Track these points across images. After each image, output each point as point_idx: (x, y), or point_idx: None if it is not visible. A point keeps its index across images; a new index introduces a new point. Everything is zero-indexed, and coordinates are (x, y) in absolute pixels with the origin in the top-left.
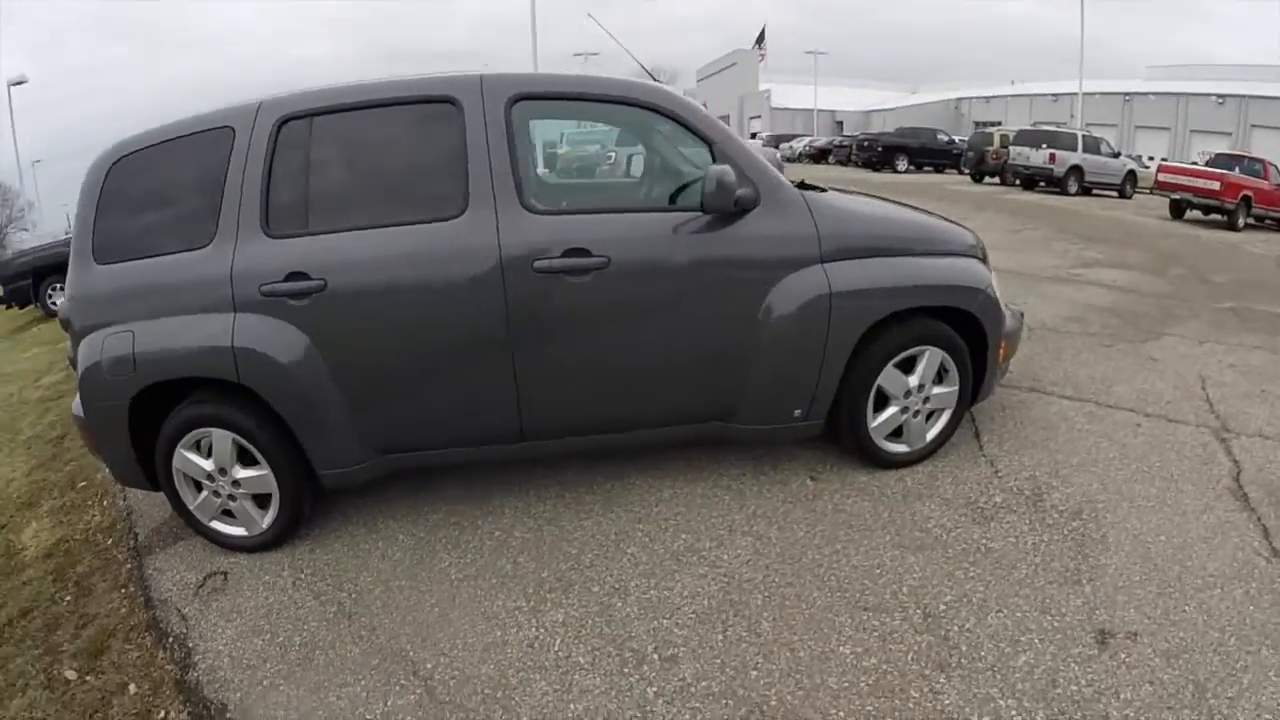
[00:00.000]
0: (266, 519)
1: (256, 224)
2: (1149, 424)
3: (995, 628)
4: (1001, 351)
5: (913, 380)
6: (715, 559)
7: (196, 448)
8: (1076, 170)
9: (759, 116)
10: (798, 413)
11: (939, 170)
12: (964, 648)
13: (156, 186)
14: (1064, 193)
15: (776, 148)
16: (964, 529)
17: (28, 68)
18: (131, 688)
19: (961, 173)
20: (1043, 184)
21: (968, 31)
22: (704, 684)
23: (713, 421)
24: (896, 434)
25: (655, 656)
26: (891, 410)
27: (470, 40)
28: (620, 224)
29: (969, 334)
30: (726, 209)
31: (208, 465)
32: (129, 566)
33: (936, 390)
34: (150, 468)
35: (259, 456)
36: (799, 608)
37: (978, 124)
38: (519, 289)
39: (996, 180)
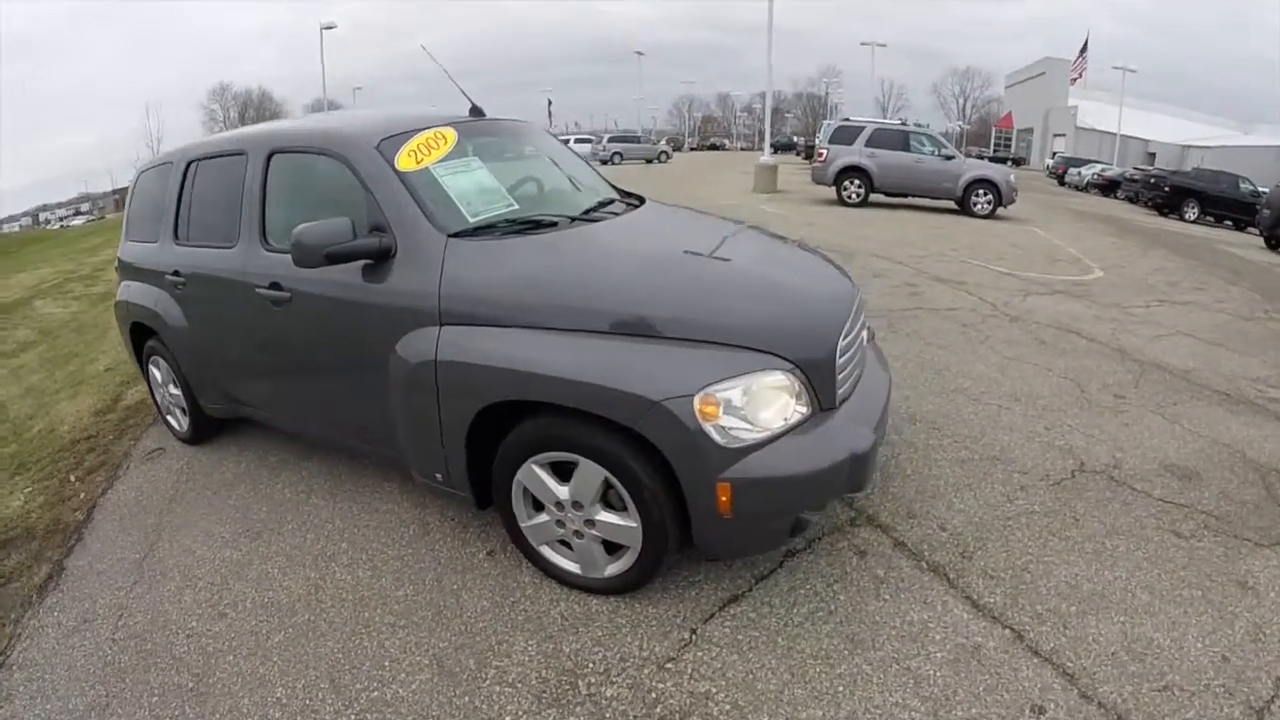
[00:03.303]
0: (185, 423)
1: (171, 233)
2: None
3: None
4: (722, 500)
5: (563, 492)
6: (327, 570)
7: (157, 366)
8: None
9: (1063, 134)
10: (439, 476)
11: (1238, 226)
12: None
13: (146, 197)
14: None
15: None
16: (522, 691)
17: (361, 9)
18: (82, 494)
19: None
20: None
21: None
22: (204, 643)
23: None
24: (570, 547)
25: (220, 609)
26: (544, 518)
27: (788, 15)
28: None
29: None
30: (312, 263)
31: (160, 378)
32: (145, 429)
33: (606, 517)
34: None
35: (178, 382)
36: (306, 643)
37: None
38: (252, 306)
39: None
